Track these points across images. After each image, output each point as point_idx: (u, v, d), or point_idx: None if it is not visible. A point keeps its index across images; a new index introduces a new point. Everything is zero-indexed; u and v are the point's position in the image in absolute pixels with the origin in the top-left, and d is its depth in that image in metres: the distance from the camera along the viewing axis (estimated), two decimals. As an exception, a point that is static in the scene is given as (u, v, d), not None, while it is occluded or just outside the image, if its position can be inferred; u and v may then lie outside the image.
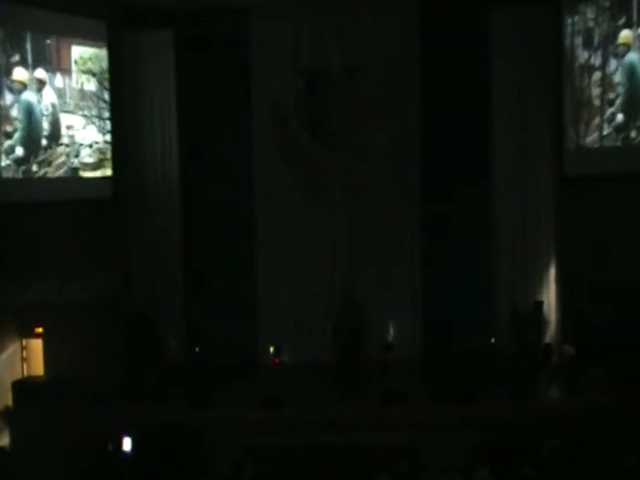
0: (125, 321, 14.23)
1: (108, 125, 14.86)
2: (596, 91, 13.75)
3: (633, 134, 13.10)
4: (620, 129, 13.38)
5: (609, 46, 13.45)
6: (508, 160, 15.07)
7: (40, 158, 13.61)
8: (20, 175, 13.31)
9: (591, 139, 13.94)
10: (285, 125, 15.33)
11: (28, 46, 13.32)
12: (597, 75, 13.73)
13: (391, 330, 14.77)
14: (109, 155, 14.92)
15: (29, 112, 13.39)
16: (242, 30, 15.28)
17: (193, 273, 15.55)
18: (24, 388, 12.84)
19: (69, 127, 14.13)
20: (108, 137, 14.87)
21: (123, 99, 15.28)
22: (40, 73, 13.53)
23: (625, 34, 13.16)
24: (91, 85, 14.52)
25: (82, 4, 14.13)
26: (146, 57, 15.42)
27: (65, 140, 14.07)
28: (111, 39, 14.84)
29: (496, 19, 14.89)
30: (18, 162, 13.24)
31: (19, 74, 13.21)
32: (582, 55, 13.99)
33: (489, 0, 14.78)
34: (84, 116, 14.41)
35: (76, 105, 14.29)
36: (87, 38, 14.38)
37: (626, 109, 13.26)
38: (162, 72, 15.45)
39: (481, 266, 15.08)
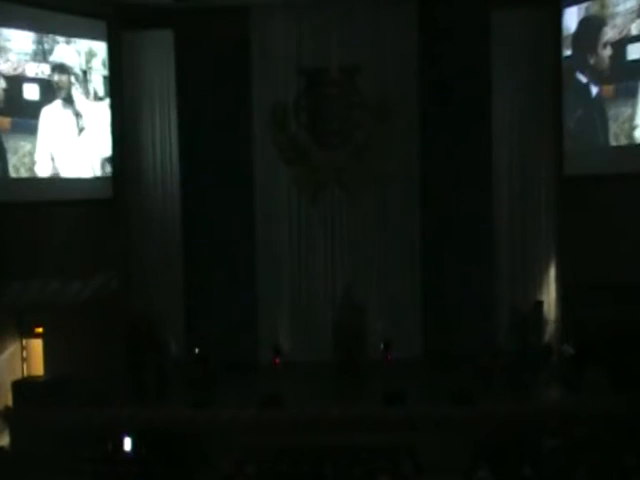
0: (125, 321, 14.23)
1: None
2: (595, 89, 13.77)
3: (634, 133, 13.10)
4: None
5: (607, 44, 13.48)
6: (508, 160, 15.06)
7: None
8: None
9: (591, 139, 13.94)
10: (285, 125, 15.34)
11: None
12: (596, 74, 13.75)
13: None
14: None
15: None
16: (242, 30, 15.28)
17: (193, 273, 15.56)
18: (24, 388, 12.84)
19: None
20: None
21: (123, 99, 15.28)
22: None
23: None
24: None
25: (82, 4, 14.14)
26: (146, 57, 15.42)
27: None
28: (111, 39, 14.83)
29: (496, 19, 14.88)
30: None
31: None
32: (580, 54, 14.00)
33: (489, 0, 14.78)
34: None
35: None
36: (87, 38, 14.38)
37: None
38: (162, 72, 15.45)
39: (481, 266, 15.08)
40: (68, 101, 14.14)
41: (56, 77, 13.89)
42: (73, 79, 14.21)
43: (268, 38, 15.36)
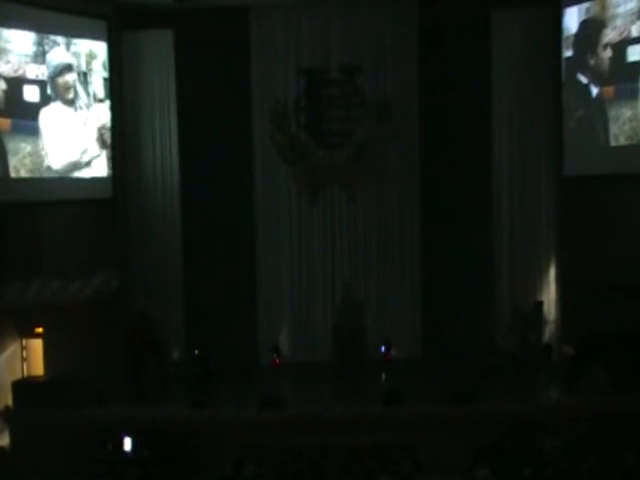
0: (125, 321, 14.23)
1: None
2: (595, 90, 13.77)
3: (635, 134, 13.10)
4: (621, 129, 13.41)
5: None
6: (508, 160, 15.07)
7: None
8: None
9: (591, 139, 13.93)
10: (285, 125, 15.34)
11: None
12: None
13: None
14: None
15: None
16: (242, 30, 15.28)
17: (193, 273, 15.55)
18: (24, 388, 12.82)
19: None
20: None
21: (123, 99, 15.28)
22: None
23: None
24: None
25: (82, 4, 14.14)
26: (146, 57, 15.43)
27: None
28: (111, 39, 14.84)
29: (496, 19, 14.89)
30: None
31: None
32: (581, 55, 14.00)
33: (489, 0, 14.79)
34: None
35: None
36: (87, 38, 14.38)
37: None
38: (162, 72, 15.45)
39: (481, 266, 15.08)
40: (69, 102, 14.13)
41: (57, 78, 13.89)
42: (74, 80, 14.17)
43: (268, 38, 15.36)
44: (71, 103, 14.18)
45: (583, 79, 13.89)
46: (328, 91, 15.42)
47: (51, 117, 13.80)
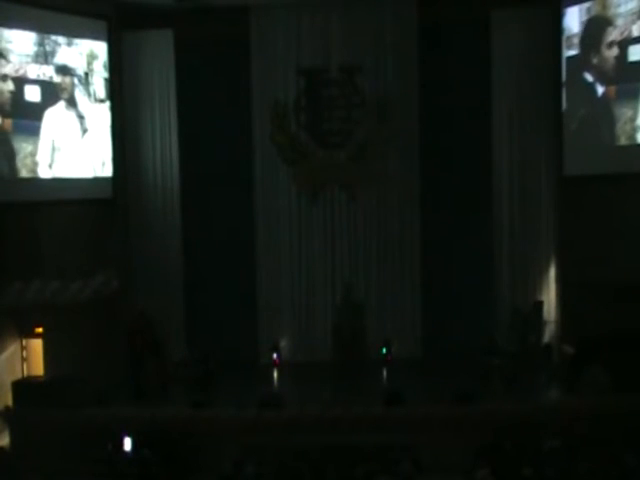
0: (125, 321, 14.23)
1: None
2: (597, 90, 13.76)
3: (635, 134, 13.09)
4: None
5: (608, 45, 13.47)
6: (508, 160, 15.08)
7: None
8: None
9: (593, 139, 13.93)
10: (285, 125, 15.34)
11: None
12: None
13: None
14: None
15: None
16: (242, 30, 15.29)
17: (193, 273, 15.56)
18: (24, 388, 12.82)
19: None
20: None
21: (123, 99, 15.28)
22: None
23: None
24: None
25: (82, 4, 14.14)
26: (146, 57, 15.43)
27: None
28: (111, 39, 14.83)
29: (496, 19, 14.90)
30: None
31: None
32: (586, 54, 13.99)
33: (489, 0, 14.79)
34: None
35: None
36: (87, 38, 14.38)
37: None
38: (162, 72, 15.46)
39: (481, 266, 15.08)
40: (70, 103, 14.14)
41: (58, 79, 13.90)
42: (75, 81, 14.21)
43: (268, 38, 15.36)
44: (72, 103, 14.19)
45: (589, 77, 13.83)
46: (328, 91, 15.42)
47: (52, 117, 13.81)
